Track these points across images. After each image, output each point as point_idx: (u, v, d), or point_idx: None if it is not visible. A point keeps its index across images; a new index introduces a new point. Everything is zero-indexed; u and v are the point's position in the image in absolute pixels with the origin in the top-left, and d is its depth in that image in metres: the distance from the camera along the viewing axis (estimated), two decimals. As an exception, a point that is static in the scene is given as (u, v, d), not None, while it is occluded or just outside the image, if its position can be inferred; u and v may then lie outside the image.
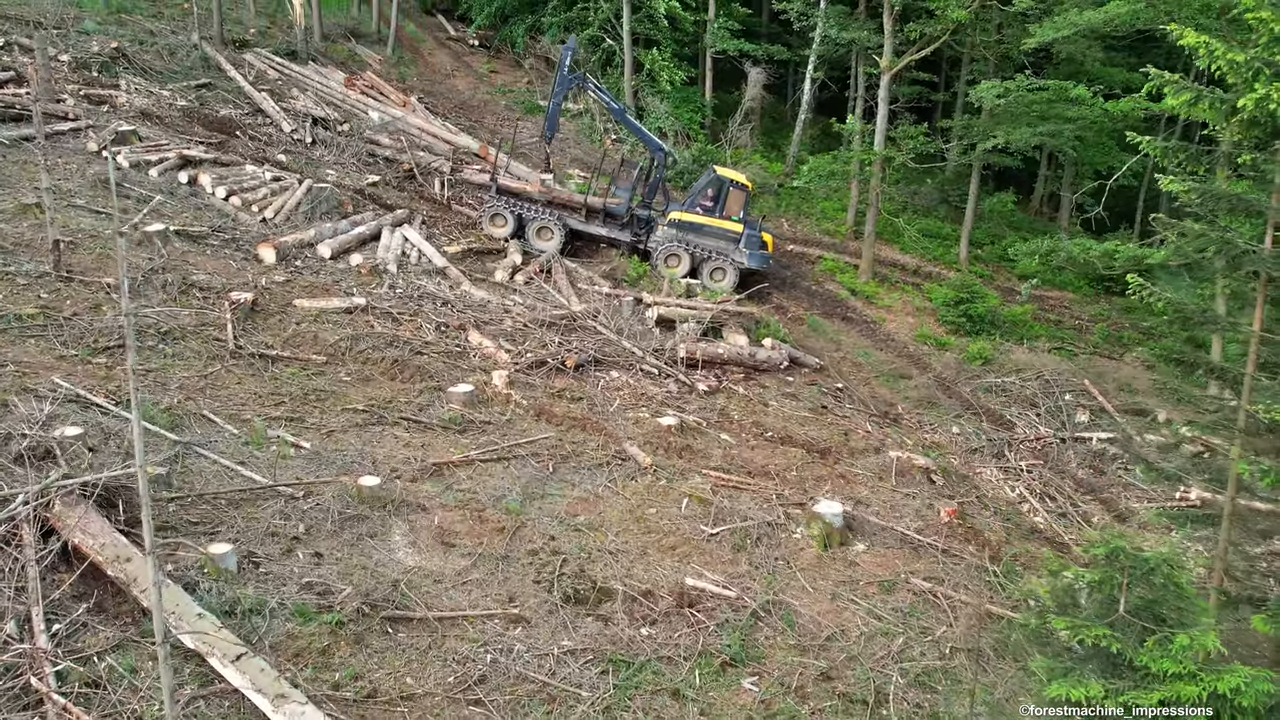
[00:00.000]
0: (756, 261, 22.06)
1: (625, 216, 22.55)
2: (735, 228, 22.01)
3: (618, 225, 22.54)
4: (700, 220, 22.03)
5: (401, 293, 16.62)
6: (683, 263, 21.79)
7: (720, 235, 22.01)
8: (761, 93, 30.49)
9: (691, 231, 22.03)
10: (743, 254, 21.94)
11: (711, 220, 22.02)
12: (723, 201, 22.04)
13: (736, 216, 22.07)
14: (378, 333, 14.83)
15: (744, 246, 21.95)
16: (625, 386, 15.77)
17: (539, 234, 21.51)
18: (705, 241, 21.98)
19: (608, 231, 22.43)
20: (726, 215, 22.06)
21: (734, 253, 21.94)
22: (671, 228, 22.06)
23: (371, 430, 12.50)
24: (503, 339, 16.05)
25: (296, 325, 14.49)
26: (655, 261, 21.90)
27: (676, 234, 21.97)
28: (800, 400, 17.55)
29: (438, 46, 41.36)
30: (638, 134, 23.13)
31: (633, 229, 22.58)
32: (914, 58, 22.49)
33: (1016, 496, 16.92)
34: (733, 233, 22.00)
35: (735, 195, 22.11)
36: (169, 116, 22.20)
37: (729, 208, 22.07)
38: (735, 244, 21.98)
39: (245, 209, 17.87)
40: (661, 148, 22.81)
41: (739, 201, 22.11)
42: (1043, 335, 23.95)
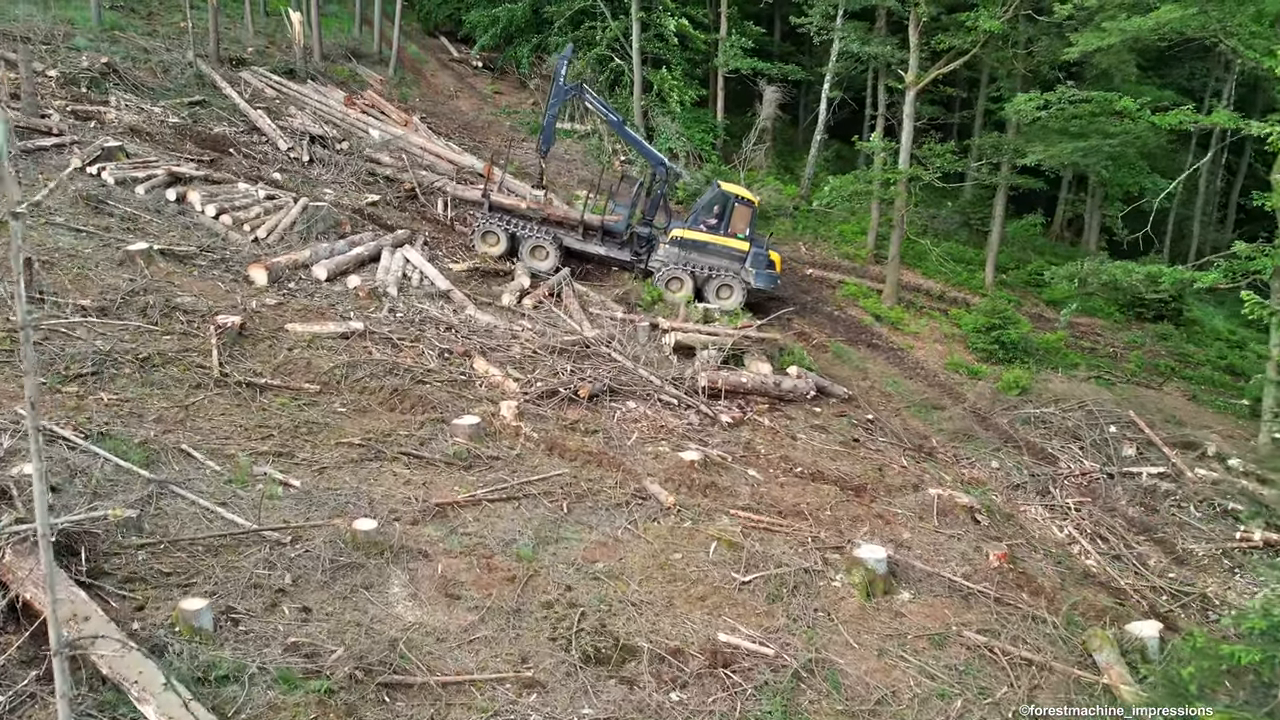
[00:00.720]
0: (763, 281, 21.14)
1: (625, 234, 21.65)
2: (741, 246, 21.11)
3: (617, 243, 21.64)
4: (704, 238, 21.14)
5: (402, 317, 15.70)
6: (685, 284, 20.89)
7: (725, 254, 21.11)
8: (777, 112, 29.77)
9: (695, 250, 21.14)
10: (749, 273, 21.04)
11: (716, 238, 21.14)
12: (728, 218, 21.15)
13: (742, 234, 21.19)
14: (376, 360, 13.89)
15: (750, 265, 21.05)
16: (643, 418, 14.78)
17: (533, 253, 20.64)
18: (709, 260, 21.07)
19: (606, 250, 21.54)
20: (732, 232, 21.18)
21: (740, 272, 21.05)
22: (674, 246, 21.19)
23: (368, 467, 11.51)
24: (511, 367, 15.10)
25: (288, 351, 13.55)
26: (657, 281, 21.00)
27: (679, 253, 21.10)
28: (830, 433, 16.55)
29: (440, 68, 40.98)
30: (637, 147, 22.32)
31: (633, 247, 21.69)
32: (941, 71, 21.73)
33: (1065, 537, 15.86)
34: (738, 251, 21.10)
35: (741, 211, 21.23)
36: (159, 133, 21.46)
37: (734, 224, 21.18)
38: (741, 262, 21.08)
39: (236, 228, 17.02)
40: (663, 162, 22.01)
41: (745, 218, 21.23)
42: (1079, 363, 22.98)
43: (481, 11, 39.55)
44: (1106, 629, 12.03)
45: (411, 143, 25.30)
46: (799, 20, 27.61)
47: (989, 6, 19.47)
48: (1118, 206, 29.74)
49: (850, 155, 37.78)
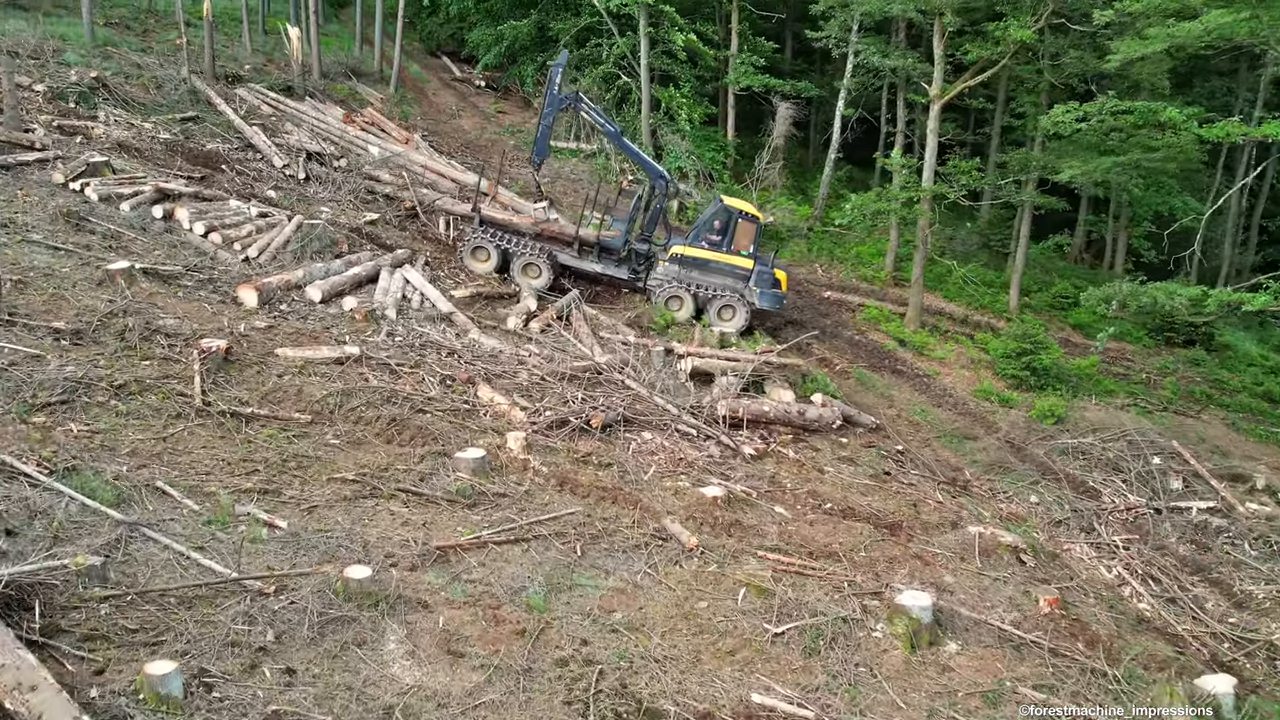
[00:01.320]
0: (768, 301, 20.28)
1: (622, 251, 20.79)
2: (745, 263, 20.26)
3: (613, 260, 20.79)
4: (706, 255, 20.30)
5: (401, 341, 14.84)
6: (685, 303, 20.06)
7: (728, 272, 20.26)
8: (791, 129, 29.08)
9: (696, 268, 20.30)
10: (753, 292, 20.18)
11: (718, 255, 20.30)
12: (731, 234, 20.30)
13: (746, 251, 20.34)
14: (373, 387, 13.00)
15: (754, 284, 20.19)
16: (660, 450, 13.87)
17: (525, 270, 19.83)
18: (711, 279, 20.23)
19: (602, 268, 20.70)
20: (735, 249, 20.33)
21: (744, 291, 20.20)
22: (673, 264, 20.35)
23: (362, 505, 10.59)
24: (518, 394, 14.21)
25: (278, 378, 12.67)
26: (655, 301, 20.16)
27: (679, 271, 20.27)
28: (858, 465, 15.62)
29: (442, 87, 40.53)
30: (636, 159, 21.53)
31: (630, 265, 20.83)
32: (968, 84, 20.99)
33: (1115, 578, 14.90)
34: (742, 269, 20.25)
35: (744, 228, 20.36)
36: (149, 149, 20.73)
37: (738, 241, 20.33)
38: (745, 281, 20.24)
39: (226, 247, 16.21)
40: (663, 174, 21.15)
41: (749, 234, 20.37)
42: (1115, 390, 22.08)
43: (484, 30, 39.14)
44: (1173, 683, 11.07)
45: (412, 160, 24.58)
46: (814, 34, 26.97)
47: (1019, 16, 18.76)
48: (1144, 227, 29.00)
49: (862, 177, 37.18)
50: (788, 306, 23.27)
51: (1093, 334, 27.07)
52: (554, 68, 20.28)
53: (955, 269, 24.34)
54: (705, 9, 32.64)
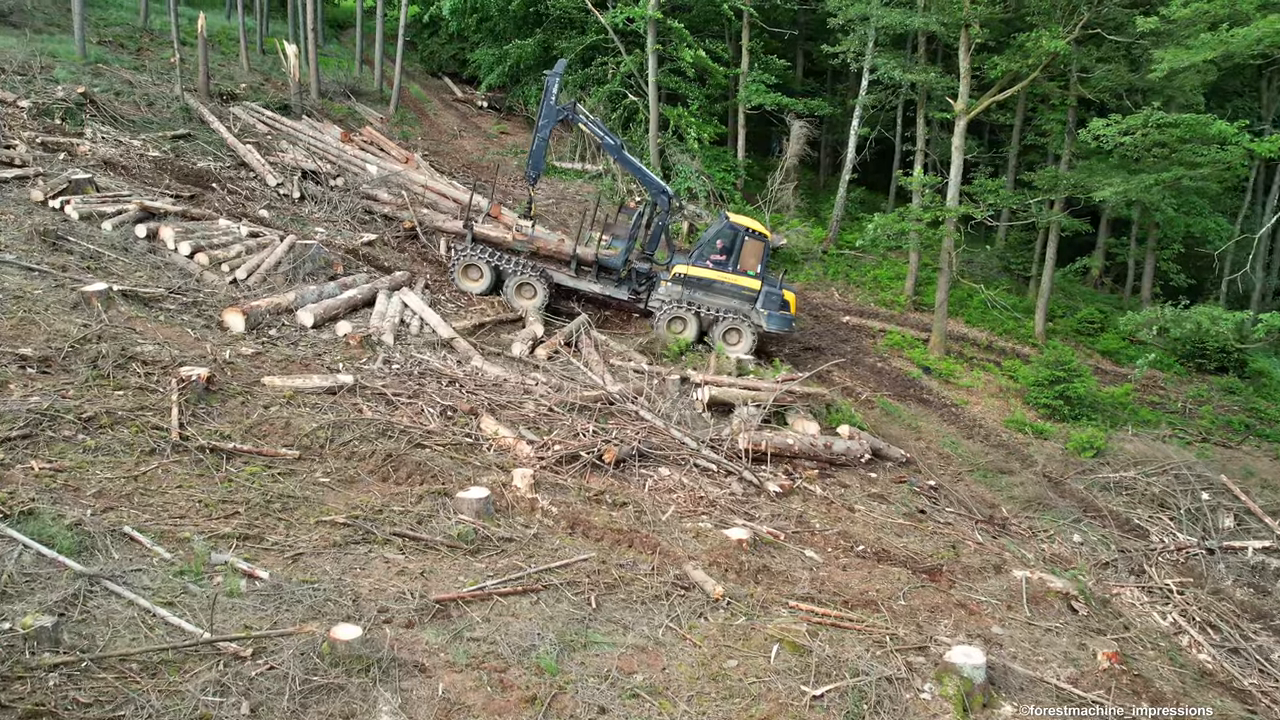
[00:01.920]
0: (776, 324, 19.43)
1: (622, 270, 19.96)
2: (751, 284, 19.42)
3: (613, 280, 19.94)
4: (710, 275, 19.46)
5: (399, 369, 13.94)
6: (689, 325, 19.19)
7: (734, 293, 19.41)
8: (805, 149, 28.35)
9: (700, 289, 19.44)
10: (760, 314, 19.33)
11: (724, 275, 19.46)
12: (737, 253, 19.47)
13: (753, 271, 19.50)
14: (367, 419, 12.08)
15: (762, 306, 19.36)
16: (679, 487, 12.91)
17: (519, 290, 19.01)
18: (716, 300, 19.37)
19: (601, 288, 19.87)
20: (741, 269, 19.49)
21: (750, 313, 19.33)
22: (676, 284, 19.49)
23: (354, 552, 9.63)
24: (524, 427, 13.29)
25: (264, 409, 11.75)
26: (657, 322, 19.30)
27: (682, 291, 19.40)
28: (890, 503, 14.65)
29: (444, 108, 40.07)
30: (636, 174, 20.72)
31: (631, 285, 19.98)
32: (995, 99, 20.23)
33: (1171, 625, 13.88)
34: (748, 290, 19.41)
35: (751, 246, 19.53)
36: (137, 167, 19.96)
37: (744, 261, 19.50)
38: (751, 303, 19.38)
39: (213, 268, 15.36)
40: (664, 189, 20.31)
41: (756, 253, 19.53)
42: (1153, 420, 21.13)
43: (487, 50, 38.66)
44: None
45: (412, 180, 23.82)
46: (831, 49, 26.29)
47: (1050, 26, 18.02)
48: (1174, 249, 28.17)
49: (874, 200, 36.50)
50: (805, 332, 22.42)
51: (1122, 361, 26.18)
52: (550, 77, 19.48)
53: (982, 292, 23.45)
54: (714, 26, 32.07)
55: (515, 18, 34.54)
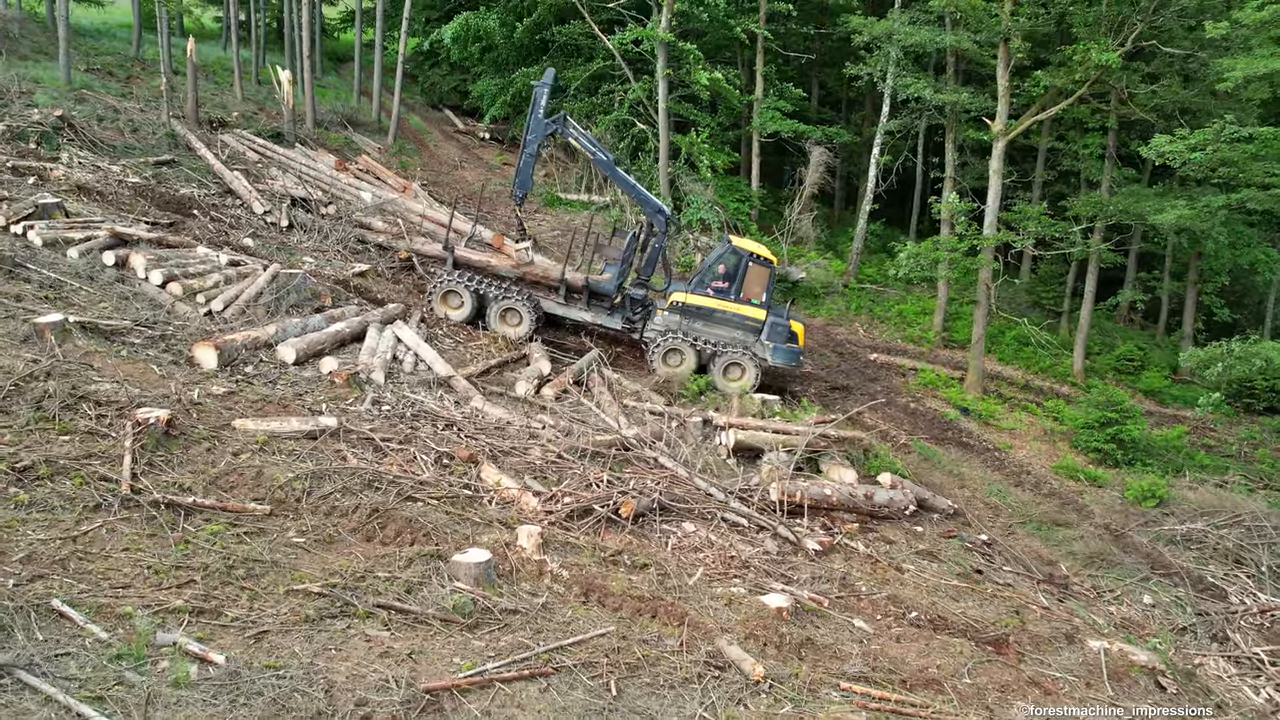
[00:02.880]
0: (782, 357, 18.11)
1: (615, 297, 18.67)
2: (756, 314, 18.13)
3: (605, 308, 18.66)
4: (711, 304, 18.18)
5: (389, 411, 12.59)
6: (686, 357, 17.88)
7: (736, 323, 18.12)
8: (825, 177, 27.24)
9: (699, 318, 18.15)
10: (765, 347, 18.03)
11: (726, 304, 18.17)
12: (740, 280, 18.17)
13: (758, 300, 18.20)
14: (351, 468, 10.72)
15: (766, 338, 18.05)
16: (706, 546, 11.49)
17: (504, 317, 17.82)
18: (717, 331, 18.09)
19: (593, 317, 18.60)
20: (745, 298, 18.20)
21: (754, 345, 18.01)
22: (674, 313, 18.17)
23: (329, 629, 8.21)
24: (530, 476, 11.91)
25: (232, 457, 10.40)
26: (651, 356, 18.00)
27: (680, 321, 18.09)
28: (941, 561, 13.21)
29: (444, 139, 39.28)
30: (631, 191, 19.44)
31: (625, 313, 18.68)
32: (1037, 119, 19.08)
33: (1265, 702, 12.33)
34: (752, 320, 18.11)
35: (756, 273, 18.23)
36: (115, 193, 18.85)
37: (748, 289, 18.21)
38: (755, 334, 18.08)
39: (186, 299, 14.11)
40: (661, 209, 18.97)
41: (761, 281, 18.23)
42: (1209, 465, 19.69)
43: (490, 81, 37.91)
44: None
45: (410, 208, 22.67)
46: (854, 70, 25.27)
47: (1098, 39, 16.91)
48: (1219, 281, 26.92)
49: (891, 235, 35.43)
50: (831, 370, 21.09)
51: (1166, 401, 24.82)
52: (538, 88, 18.26)
53: (1024, 326, 22.08)
54: (726, 52, 31.20)
55: (519, 46, 33.74)
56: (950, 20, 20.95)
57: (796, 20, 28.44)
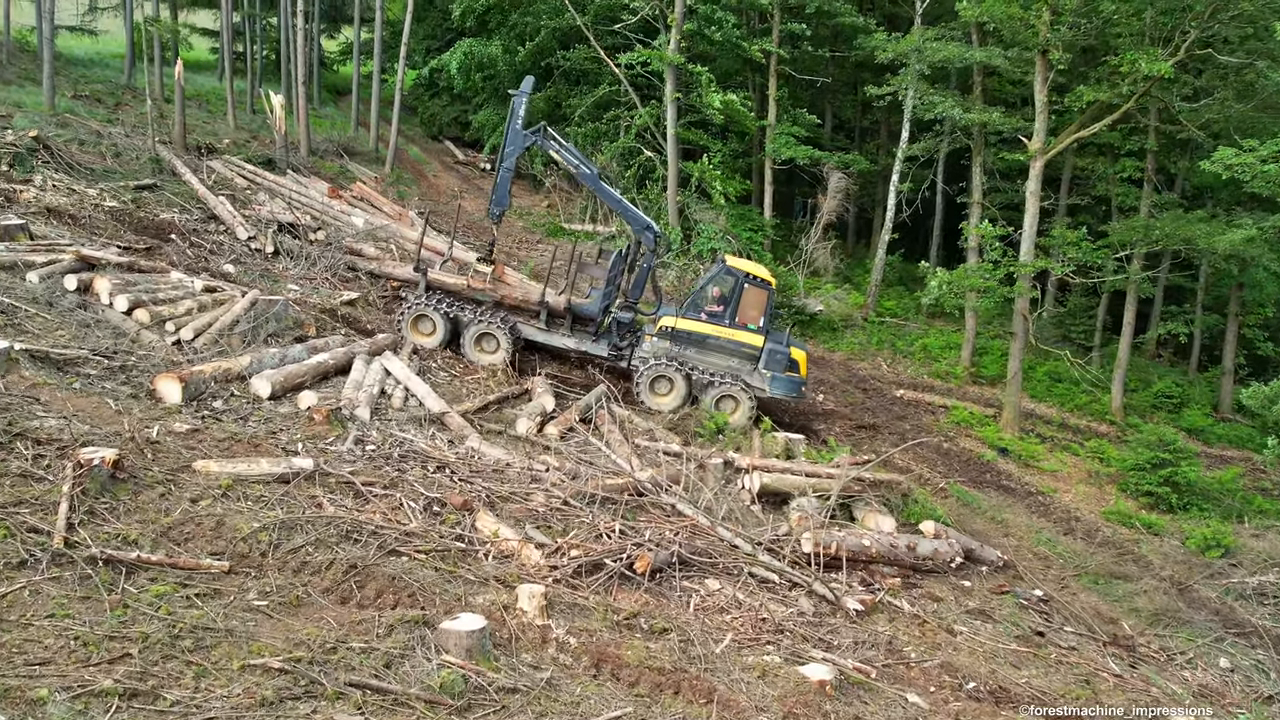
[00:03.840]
0: (781, 388, 16.85)
1: (601, 321, 17.51)
2: (753, 340, 16.91)
3: (590, 334, 17.49)
4: (703, 329, 16.97)
5: (374, 451, 11.33)
6: (676, 387, 16.64)
7: (732, 350, 16.91)
8: (844, 204, 26.18)
9: (691, 345, 16.93)
10: (762, 376, 16.79)
11: (720, 330, 16.95)
12: (735, 303, 16.96)
13: (755, 325, 16.97)
14: (327, 517, 9.44)
15: (764, 367, 16.82)
16: (733, 606, 10.16)
17: (479, 343, 16.66)
18: (710, 359, 16.87)
19: (577, 343, 17.42)
20: (741, 323, 16.97)
21: (750, 375, 16.75)
22: (663, 339, 16.96)
23: (291, 713, 6.88)
24: (532, 525, 10.61)
25: (190, 504, 9.13)
26: (638, 385, 16.74)
27: (670, 348, 16.86)
28: (996, 621, 11.85)
29: (444, 170, 38.56)
30: (617, 206, 18.18)
31: (611, 339, 17.47)
32: (1078, 136, 17.99)
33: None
34: (749, 347, 16.89)
35: (753, 295, 17.00)
36: (88, 216, 17.79)
37: (744, 313, 17.00)
38: (752, 362, 16.85)
39: (154, 326, 12.94)
40: (650, 225, 17.72)
41: (758, 304, 17.00)
42: (1269, 509, 18.32)
43: (491, 110, 37.19)
44: None
45: (404, 235, 21.59)
46: (876, 91, 24.29)
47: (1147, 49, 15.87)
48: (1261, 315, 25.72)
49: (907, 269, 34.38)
50: (856, 407, 19.83)
51: (1211, 440, 23.50)
52: (516, 97, 17.12)
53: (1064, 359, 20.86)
54: (737, 77, 30.34)
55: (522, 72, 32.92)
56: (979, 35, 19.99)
57: (811, 43, 27.60)
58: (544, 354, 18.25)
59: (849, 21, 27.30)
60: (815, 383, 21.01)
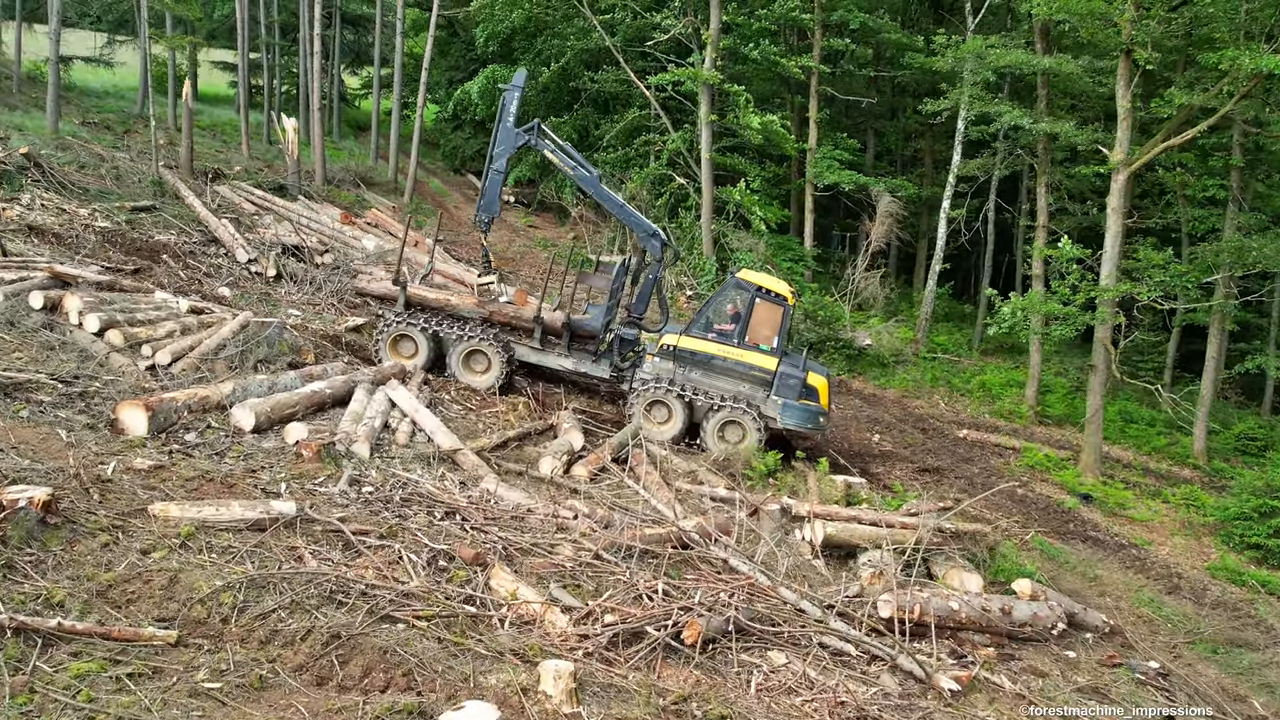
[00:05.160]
0: (795, 418, 14.93)
1: (602, 339, 15.86)
2: (764, 363, 15.08)
3: (589, 353, 15.85)
4: (710, 349, 15.20)
5: (372, 493, 9.70)
6: (675, 414, 14.94)
7: (740, 373, 15.10)
8: (894, 230, 24.57)
9: (696, 366, 15.17)
10: (774, 404, 14.93)
11: (728, 350, 15.16)
12: (746, 321, 15.16)
13: (768, 346, 15.15)
14: (308, 573, 7.80)
15: (777, 394, 14.94)
16: (803, 685, 8.35)
17: (466, 362, 15.12)
18: (716, 383, 15.09)
19: (575, 364, 15.78)
20: (752, 343, 15.19)
21: (762, 402, 14.94)
22: (664, 359, 15.23)
23: (234, 845, 5.20)
24: (557, 583, 8.89)
25: (139, 557, 7.54)
26: (631, 407, 15.03)
27: (672, 369, 15.14)
28: (1113, 701, 9.91)
29: (466, 202, 37.48)
30: (620, 213, 16.24)
31: (611, 358, 15.83)
32: (1171, 143, 16.31)
33: None
34: (760, 370, 15.05)
35: (765, 312, 15.15)
36: (76, 236, 16.55)
37: (756, 331, 15.19)
38: (765, 388, 15.01)
39: (127, 349, 11.46)
40: (656, 232, 16.01)
41: (772, 322, 15.16)
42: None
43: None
44: None
45: (418, 262, 20.18)
46: (933, 107, 22.77)
47: (1249, 44, 14.24)
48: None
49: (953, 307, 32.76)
50: (916, 449, 18.04)
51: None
52: (507, 92, 15.56)
53: (1159, 395, 18.92)
54: (776, 99, 29.00)
55: (546, 97, 31.84)
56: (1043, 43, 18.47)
57: (854, 61, 26.25)
58: (571, 386, 16.66)
59: (894, 38, 25.96)
60: (870, 422, 19.26)
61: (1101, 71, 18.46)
